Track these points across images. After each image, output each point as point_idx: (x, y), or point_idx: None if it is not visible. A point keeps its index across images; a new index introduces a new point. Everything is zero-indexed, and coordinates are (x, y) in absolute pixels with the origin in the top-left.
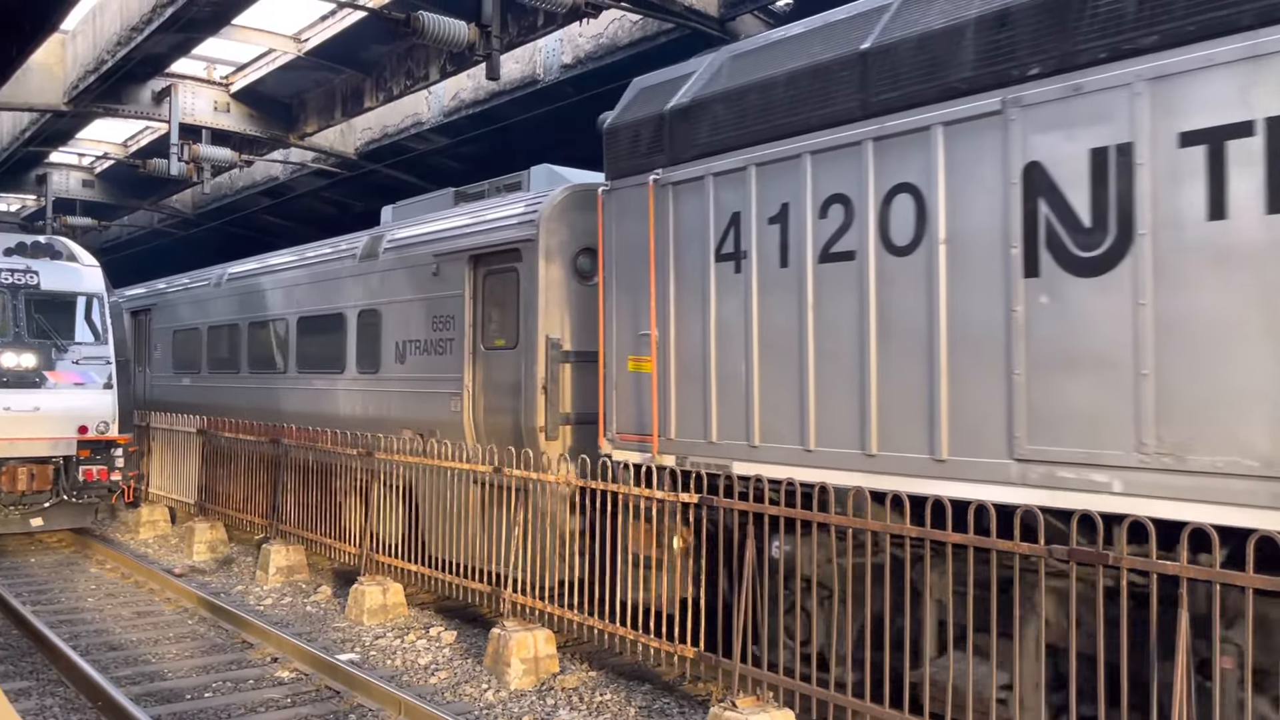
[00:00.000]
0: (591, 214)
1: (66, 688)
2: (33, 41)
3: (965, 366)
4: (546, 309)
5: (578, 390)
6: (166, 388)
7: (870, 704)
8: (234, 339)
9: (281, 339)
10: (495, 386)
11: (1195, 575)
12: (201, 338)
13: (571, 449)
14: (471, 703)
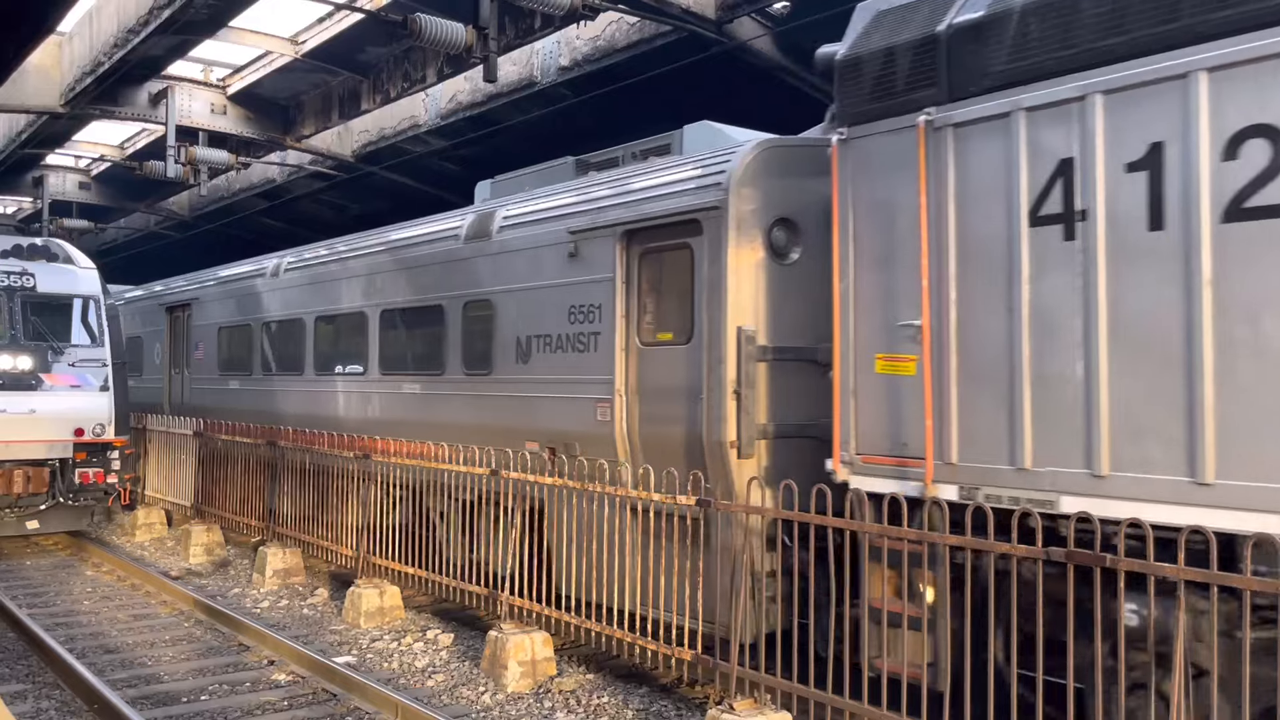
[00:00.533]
0: (789, 178)
1: (62, 690)
2: (29, 44)
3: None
4: (738, 294)
5: (776, 396)
6: (210, 391)
7: (868, 706)
8: (296, 337)
9: (358, 336)
10: (658, 390)
11: (1192, 578)
12: (255, 336)
13: (768, 470)
14: (469, 705)
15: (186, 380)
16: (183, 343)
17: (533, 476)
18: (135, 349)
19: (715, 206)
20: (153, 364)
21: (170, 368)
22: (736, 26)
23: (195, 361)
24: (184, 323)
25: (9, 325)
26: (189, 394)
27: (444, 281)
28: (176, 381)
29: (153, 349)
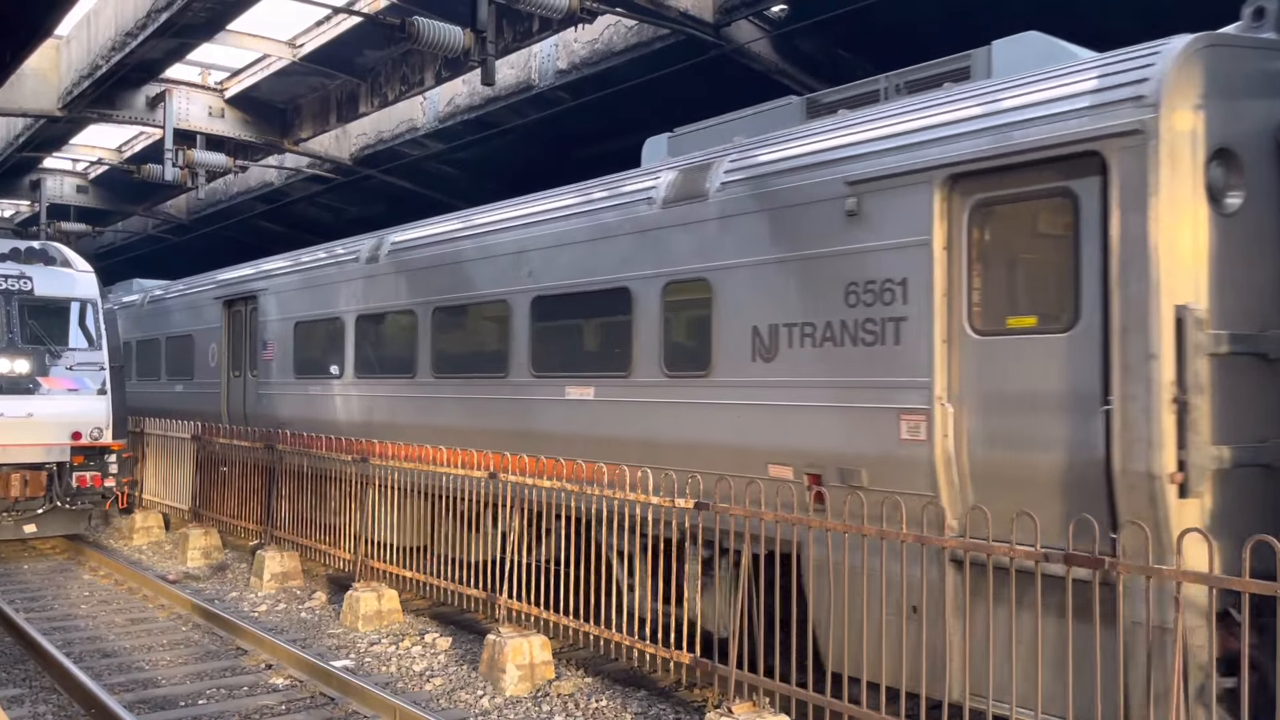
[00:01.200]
0: (1231, 94)
1: (59, 695)
2: (27, 47)
3: None
4: (1173, 259)
5: (1227, 406)
6: (284, 398)
7: (866, 709)
8: (404, 332)
9: (497, 330)
10: (1008, 398)
11: (1192, 580)
12: (345, 332)
13: (1215, 513)
14: (467, 709)
15: (251, 385)
16: (245, 341)
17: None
18: (182, 350)
19: (1134, 130)
20: (205, 366)
21: (229, 370)
22: (734, 30)
23: (264, 364)
24: (246, 318)
25: (6, 329)
26: (256, 401)
27: (630, 258)
28: (237, 387)
29: (205, 350)
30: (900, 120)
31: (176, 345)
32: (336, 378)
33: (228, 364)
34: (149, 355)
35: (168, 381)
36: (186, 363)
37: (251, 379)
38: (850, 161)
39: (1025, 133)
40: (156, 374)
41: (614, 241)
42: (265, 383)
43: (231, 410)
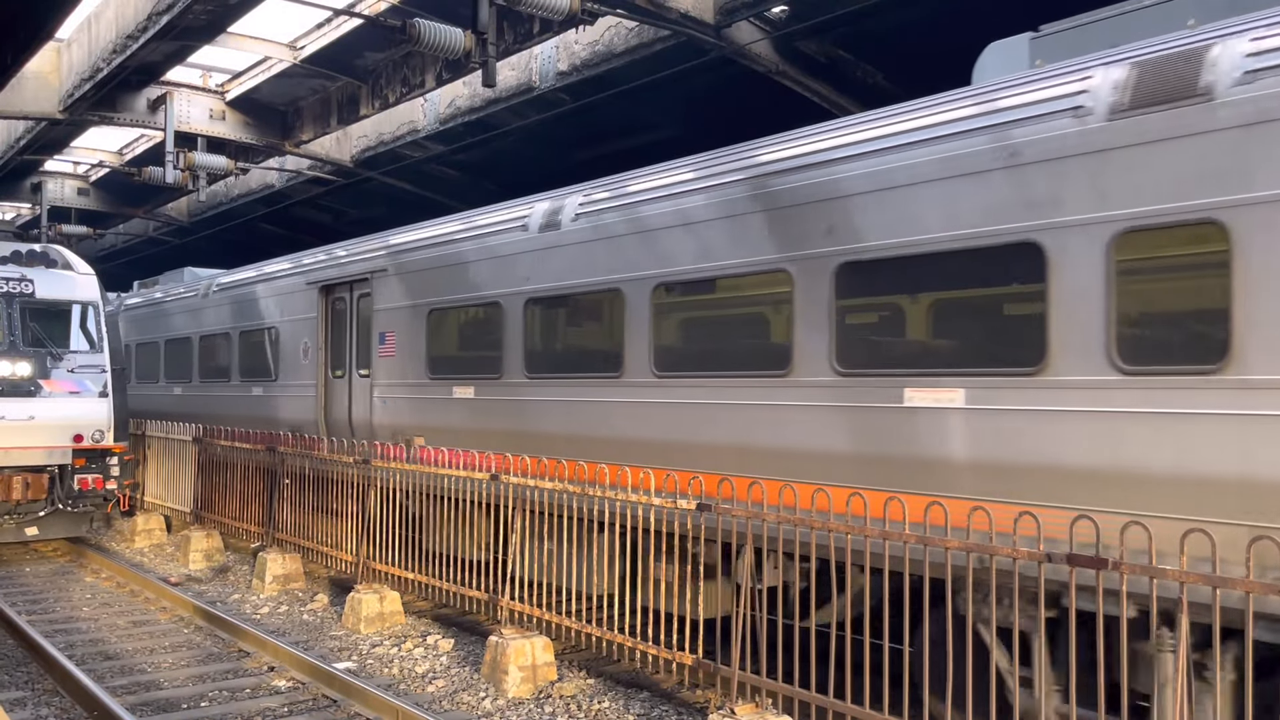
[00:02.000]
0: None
1: (62, 697)
2: (27, 49)
3: None
4: None
5: None
6: (414, 403)
7: (870, 710)
8: (605, 319)
9: (782, 314)
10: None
11: (1195, 580)
12: (507, 321)
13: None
14: (469, 711)
15: (360, 388)
16: (350, 335)
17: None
18: (258, 348)
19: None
20: (293, 365)
21: (328, 370)
22: (735, 31)
23: (381, 362)
24: (353, 307)
25: (8, 331)
26: (369, 407)
27: (1055, 199)
28: (339, 391)
29: (293, 346)
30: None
31: (251, 342)
32: (493, 378)
33: (325, 362)
34: (214, 354)
35: (241, 384)
36: (265, 362)
37: (360, 380)
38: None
39: None
40: (225, 375)
41: (1019, 173)
42: (386, 385)
43: (333, 418)
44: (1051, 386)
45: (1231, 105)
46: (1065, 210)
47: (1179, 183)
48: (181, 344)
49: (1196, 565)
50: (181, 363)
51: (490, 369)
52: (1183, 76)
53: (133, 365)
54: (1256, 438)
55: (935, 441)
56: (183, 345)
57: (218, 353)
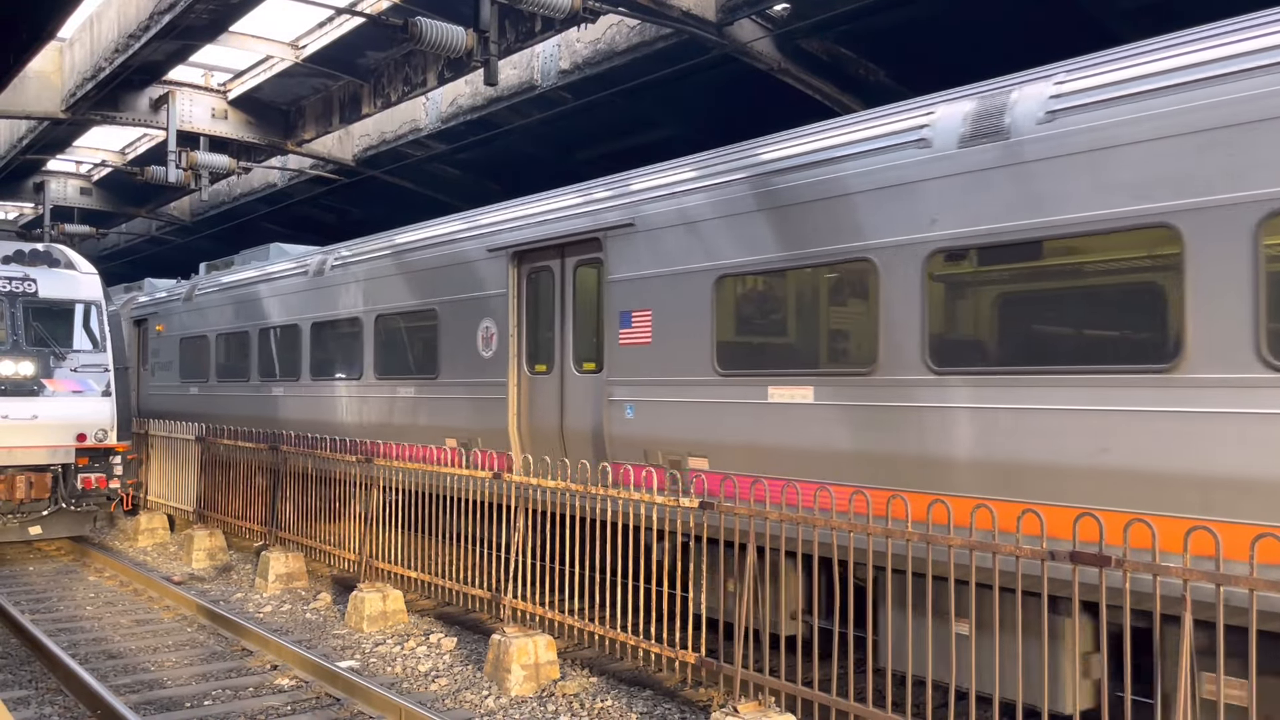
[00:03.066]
0: None
1: (65, 696)
2: (30, 49)
3: None
4: None
5: None
6: (689, 410)
7: (873, 709)
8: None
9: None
10: None
11: (1198, 578)
12: (892, 286)
13: None
14: (472, 709)
15: (585, 389)
16: (562, 315)
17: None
18: (405, 336)
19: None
20: (465, 357)
21: (522, 363)
22: (737, 29)
23: (626, 353)
24: (567, 279)
25: (11, 331)
26: (611, 416)
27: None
28: (545, 390)
29: (466, 332)
30: None
31: (395, 329)
32: (862, 373)
33: (520, 354)
34: (337, 345)
35: (380, 382)
36: (420, 355)
37: (581, 378)
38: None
39: None
40: (353, 371)
41: None
42: (632, 384)
43: (534, 425)
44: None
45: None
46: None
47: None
48: (285, 334)
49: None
50: (285, 356)
51: (851, 359)
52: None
53: (209, 360)
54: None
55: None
56: (287, 335)
57: (341, 344)
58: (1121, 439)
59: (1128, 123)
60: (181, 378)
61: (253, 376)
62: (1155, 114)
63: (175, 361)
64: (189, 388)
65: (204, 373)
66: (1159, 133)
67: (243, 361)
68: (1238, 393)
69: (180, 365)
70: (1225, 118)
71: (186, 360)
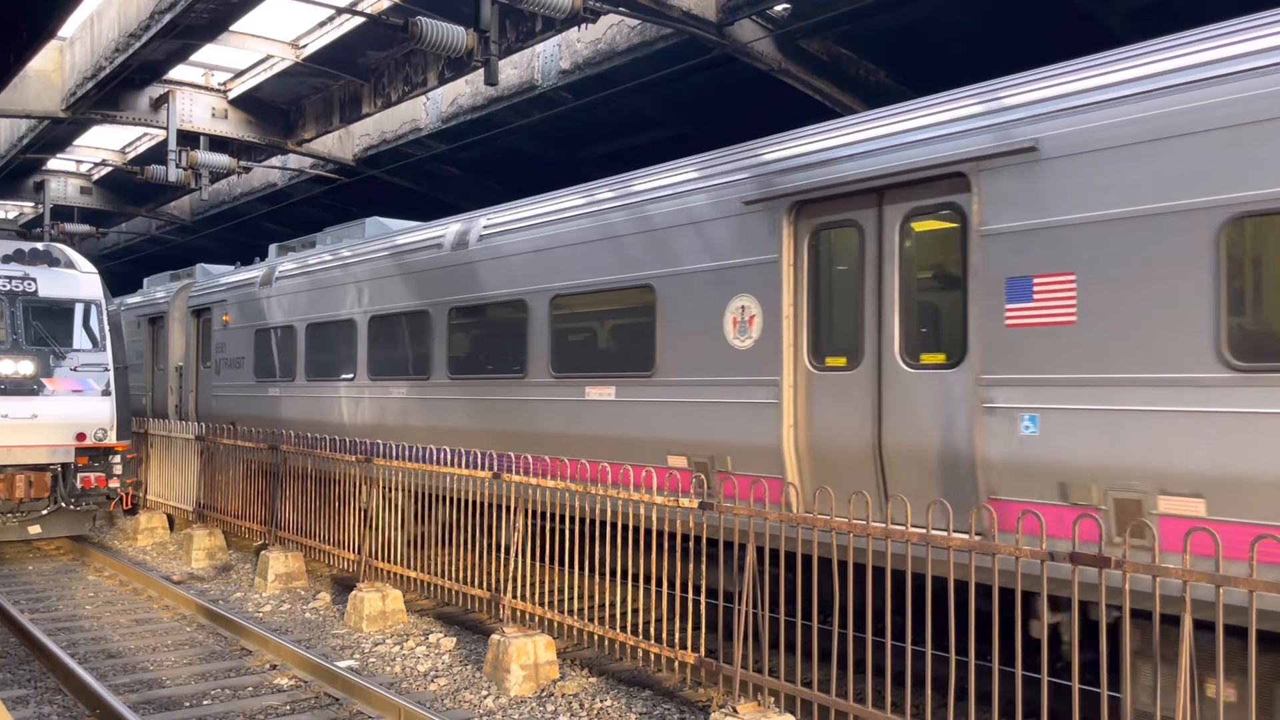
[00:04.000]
0: None
1: (64, 695)
2: (30, 48)
3: None
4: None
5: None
6: (1194, 423)
7: (872, 709)
8: None
9: None
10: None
11: (1198, 579)
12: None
13: None
14: (471, 709)
15: (933, 392)
16: (869, 288)
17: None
18: (595, 321)
19: None
20: (706, 346)
21: (804, 353)
22: (737, 29)
23: (1014, 338)
24: (889, 238)
25: (11, 330)
26: (992, 429)
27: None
28: (845, 393)
29: (702, 314)
30: None
31: (570, 313)
32: None
33: (801, 343)
34: (486, 336)
35: (560, 381)
36: (611, 346)
37: (912, 374)
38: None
39: None
40: (513, 367)
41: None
42: (1033, 384)
43: (832, 441)
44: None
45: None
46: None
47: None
48: (411, 322)
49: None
50: (409, 350)
51: None
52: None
53: (296, 355)
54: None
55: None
56: (413, 324)
57: (495, 333)
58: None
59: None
60: (257, 376)
61: (361, 374)
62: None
63: (248, 358)
64: (267, 388)
65: (288, 370)
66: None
67: (346, 356)
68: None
69: (255, 362)
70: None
71: (263, 356)
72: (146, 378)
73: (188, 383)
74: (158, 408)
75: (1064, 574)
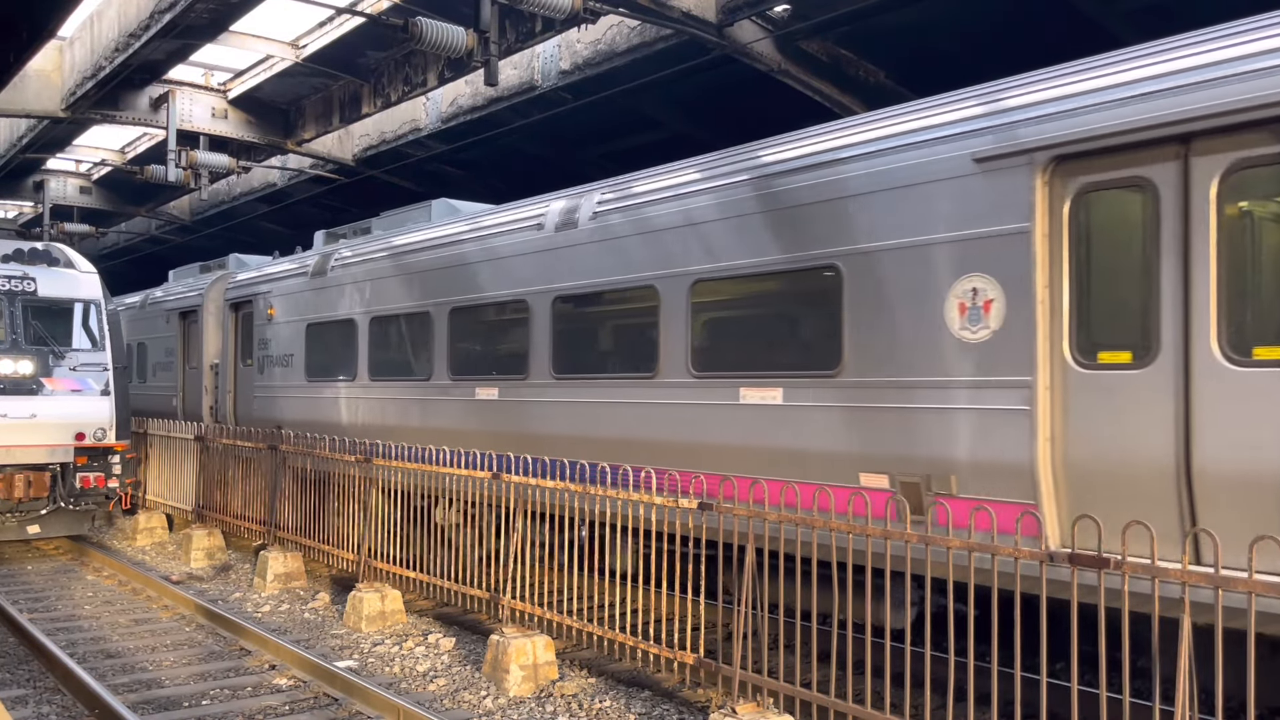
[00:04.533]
0: None
1: (63, 695)
2: (30, 48)
3: None
4: None
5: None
6: None
7: (871, 710)
8: None
9: None
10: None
11: (1197, 581)
12: None
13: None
14: (470, 710)
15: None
16: (1166, 264)
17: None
18: (782, 308)
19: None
20: (915, 338)
21: (1066, 346)
22: (737, 30)
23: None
24: (1210, 201)
25: (10, 330)
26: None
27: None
28: (1139, 394)
29: (920, 298)
30: None
31: (717, 299)
32: None
33: (1061, 333)
34: (586, 327)
35: (694, 380)
36: (775, 337)
37: (1242, 374)
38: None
39: None
40: (623, 362)
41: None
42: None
43: (1112, 459)
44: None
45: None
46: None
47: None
48: (503, 313)
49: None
50: (502, 346)
51: None
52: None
53: (357, 352)
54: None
55: None
56: (506, 315)
57: (615, 325)
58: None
59: None
60: (309, 376)
61: (439, 374)
62: None
63: (298, 355)
64: (321, 389)
65: (348, 368)
66: None
67: (419, 353)
68: None
69: (307, 360)
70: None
71: (317, 353)
72: (177, 377)
73: (224, 382)
74: (190, 410)
75: (1064, 575)
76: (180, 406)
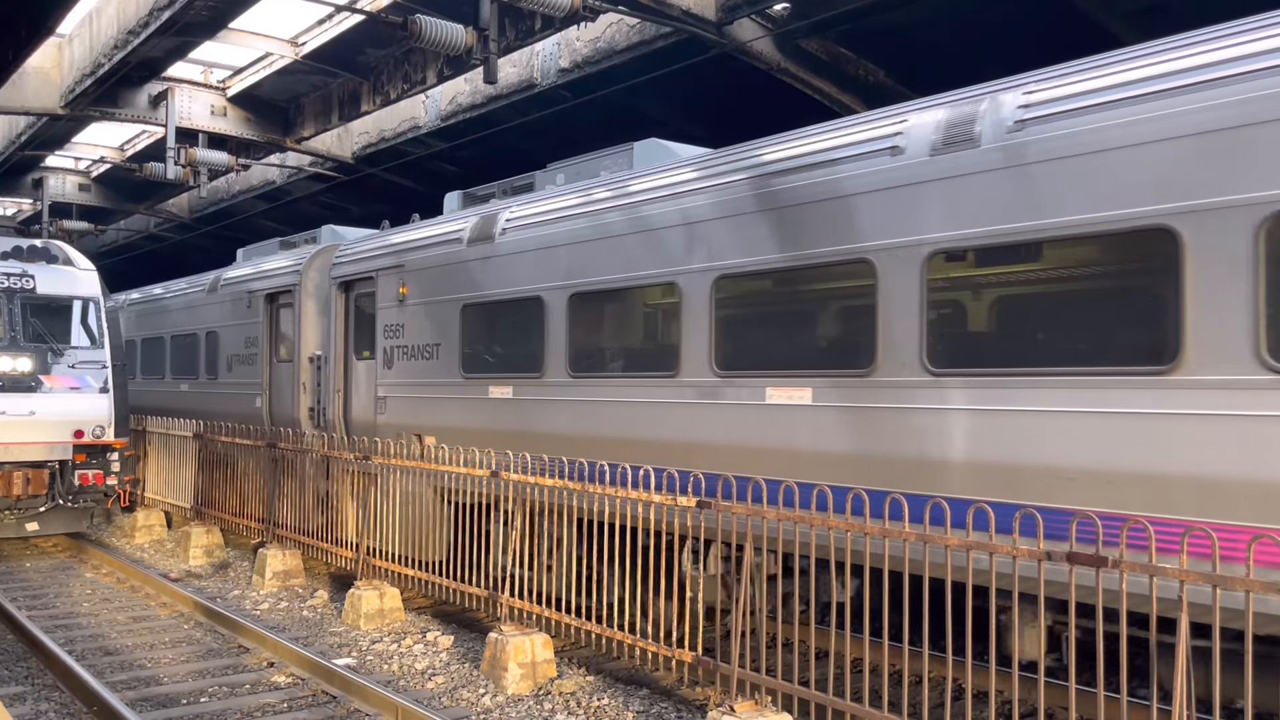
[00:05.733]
0: None
1: (61, 692)
2: (29, 45)
3: None
4: None
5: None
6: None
7: (869, 709)
8: None
9: None
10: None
11: (1195, 580)
12: None
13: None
14: (469, 708)
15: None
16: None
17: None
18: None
19: None
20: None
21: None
22: (736, 28)
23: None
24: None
25: (9, 327)
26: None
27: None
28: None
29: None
30: None
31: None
32: None
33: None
34: (964, 306)
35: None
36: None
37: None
38: None
39: None
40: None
41: None
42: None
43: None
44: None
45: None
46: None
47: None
48: (788, 282)
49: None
50: (785, 329)
51: None
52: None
53: (544, 341)
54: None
55: None
56: (790, 286)
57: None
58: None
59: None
60: (465, 372)
61: (693, 366)
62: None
63: (444, 345)
64: (488, 387)
65: (532, 363)
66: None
67: (660, 339)
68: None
69: (462, 351)
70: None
71: (474, 343)
72: (261, 373)
73: (330, 380)
74: (279, 413)
75: (1062, 575)
76: (266, 409)
